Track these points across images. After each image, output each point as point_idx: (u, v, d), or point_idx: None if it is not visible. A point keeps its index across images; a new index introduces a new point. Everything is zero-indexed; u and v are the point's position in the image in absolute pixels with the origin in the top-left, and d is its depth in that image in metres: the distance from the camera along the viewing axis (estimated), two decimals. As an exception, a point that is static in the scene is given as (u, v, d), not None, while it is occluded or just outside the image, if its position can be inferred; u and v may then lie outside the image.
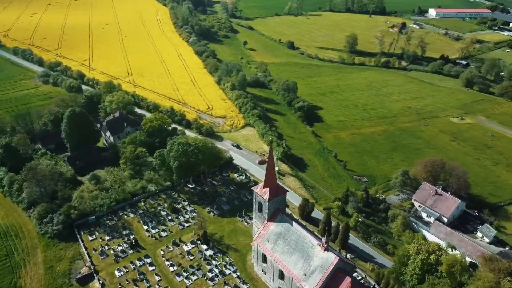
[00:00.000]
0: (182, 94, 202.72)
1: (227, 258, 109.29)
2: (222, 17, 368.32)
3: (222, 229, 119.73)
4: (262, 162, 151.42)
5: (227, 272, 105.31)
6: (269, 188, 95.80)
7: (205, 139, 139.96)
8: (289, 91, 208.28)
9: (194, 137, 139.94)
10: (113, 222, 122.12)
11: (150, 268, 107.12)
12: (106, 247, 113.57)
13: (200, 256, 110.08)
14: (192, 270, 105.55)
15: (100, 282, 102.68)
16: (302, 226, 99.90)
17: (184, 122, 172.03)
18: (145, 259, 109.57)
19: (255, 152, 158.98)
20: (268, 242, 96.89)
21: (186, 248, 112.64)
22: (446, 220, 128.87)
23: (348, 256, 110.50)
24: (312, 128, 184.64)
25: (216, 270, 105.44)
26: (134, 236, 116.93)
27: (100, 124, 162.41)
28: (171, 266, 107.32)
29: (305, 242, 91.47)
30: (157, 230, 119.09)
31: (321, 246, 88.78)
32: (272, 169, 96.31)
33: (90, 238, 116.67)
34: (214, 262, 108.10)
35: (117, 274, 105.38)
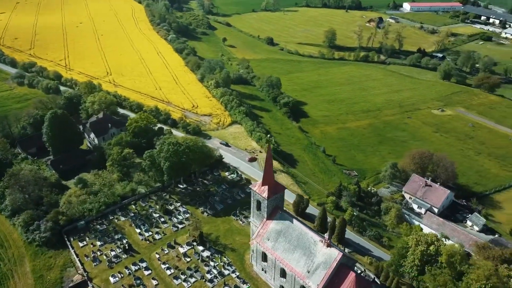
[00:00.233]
0: (165, 92, 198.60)
1: (225, 259, 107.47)
2: (198, 14, 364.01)
3: (217, 229, 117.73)
4: (252, 160, 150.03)
5: (226, 272, 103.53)
6: (267, 185, 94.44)
7: (195, 138, 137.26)
8: (273, 87, 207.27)
9: (184, 136, 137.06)
10: (103, 227, 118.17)
11: (146, 272, 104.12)
12: (98, 253, 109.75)
13: (197, 257, 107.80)
14: (190, 273, 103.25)
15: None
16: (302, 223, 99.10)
17: (169, 121, 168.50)
18: (140, 264, 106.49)
19: (244, 149, 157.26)
20: (268, 240, 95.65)
21: (182, 250, 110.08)
22: (436, 210, 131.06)
23: (346, 250, 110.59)
24: (298, 123, 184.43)
25: (214, 271, 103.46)
26: (127, 240, 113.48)
27: (83, 125, 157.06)
28: (168, 269, 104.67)
29: (306, 239, 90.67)
30: (150, 233, 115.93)
31: (323, 242, 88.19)
32: (270, 167, 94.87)
33: (80, 244, 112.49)
34: (212, 263, 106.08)
35: (112, 280, 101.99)
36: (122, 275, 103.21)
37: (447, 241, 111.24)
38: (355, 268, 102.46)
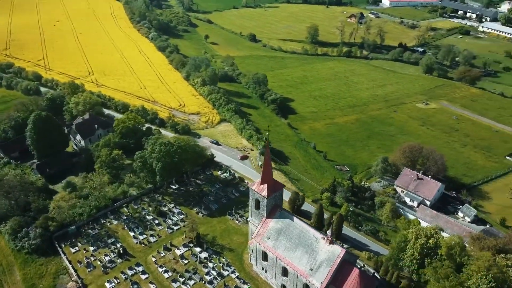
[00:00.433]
0: (150, 92, 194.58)
1: (223, 259, 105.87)
2: (178, 11, 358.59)
3: (213, 229, 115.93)
4: (244, 158, 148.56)
5: (225, 273, 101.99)
6: (266, 184, 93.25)
7: (187, 138, 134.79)
8: (259, 84, 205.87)
9: (176, 136, 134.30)
10: (95, 231, 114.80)
11: (143, 276, 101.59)
12: (92, 258, 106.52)
13: (194, 259, 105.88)
14: (188, 275, 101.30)
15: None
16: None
17: (157, 121, 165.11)
18: (136, 268, 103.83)
19: (235, 147, 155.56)
20: (268, 239, 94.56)
21: (178, 252, 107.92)
22: (428, 203, 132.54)
23: (344, 246, 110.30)
24: (287, 120, 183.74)
25: (213, 273, 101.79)
26: (121, 244, 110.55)
27: (68, 127, 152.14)
28: (165, 272, 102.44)
29: (308, 236, 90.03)
30: (145, 236, 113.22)
31: (326, 239, 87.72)
32: (269, 165, 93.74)
33: (72, 250, 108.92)
34: (210, 264, 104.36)
35: (108, 286, 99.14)
36: (118, 281, 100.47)
37: (442, 233, 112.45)
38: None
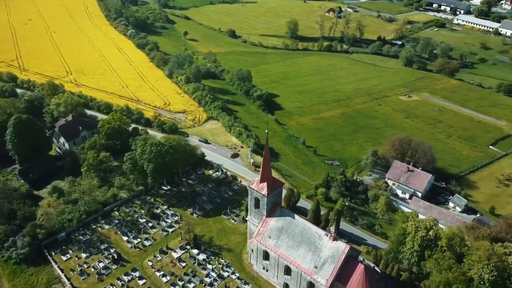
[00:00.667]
0: (133, 91, 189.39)
1: (222, 260, 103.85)
2: (155, 7, 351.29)
3: (209, 230, 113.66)
4: (234, 156, 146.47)
5: (225, 274, 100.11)
6: (266, 182, 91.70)
7: (178, 137, 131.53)
8: (244, 81, 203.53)
9: (166, 136, 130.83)
10: (87, 237, 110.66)
11: (141, 282, 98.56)
12: (85, 266, 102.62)
13: (192, 261, 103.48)
14: (187, 278, 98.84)
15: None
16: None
17: (142, 120, 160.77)
18: (132, 273, 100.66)
19: (225, 145, 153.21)
20: (270, 238, 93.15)
21: (175, 255, 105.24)
22: (420, 195, 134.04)
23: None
24: (274, 116, 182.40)
25: (213, 274, 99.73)
26: (114, 249, 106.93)
27: (50, 130, 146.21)
28: (163, 276, 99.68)
29: (311, 234, 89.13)
30: (139, 240, 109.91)
31: (329, 236, 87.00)
32: (268, 163, 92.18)
33: (64, 258, 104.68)
34: (209, 266, 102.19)
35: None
36: (115, 287, 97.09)
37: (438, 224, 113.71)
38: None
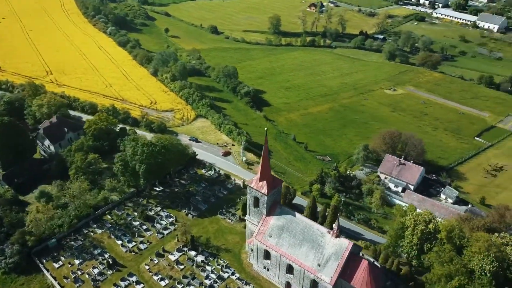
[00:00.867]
0: (117, 90, 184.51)
1: (221, 261, 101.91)
2: (134, 4, 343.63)
3: (206, 230, 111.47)
4: (226, 154, 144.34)
5: (225, 275, 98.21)
6: (265, 181, 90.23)
7: (170, 137, 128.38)
8: (230, 77, 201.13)
9: (158, 135, 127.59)
10: (79, 243, 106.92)
11: (138, 287, 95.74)
12: (79, 272, 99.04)
13: (191, 263, 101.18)
14: (187, 281, 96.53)
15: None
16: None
17: (129, 120, 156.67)
18: (129, 278, 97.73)
19: (216, 144, 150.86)
20: (271, 237, 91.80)
21: (172, 257, 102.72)
22: (412, 187, 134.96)
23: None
24: (262, 113, 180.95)
25: (213, 276, 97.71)
26: (109, 254, 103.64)
27: (33, 132, 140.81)
28: (162, 280, 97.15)
29: (312, 231, 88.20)
30: (134, 243, 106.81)
31: (332, 233, 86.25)
32: (267, 161, 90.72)
33: (56, 265, 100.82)
34: (208, 267, 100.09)
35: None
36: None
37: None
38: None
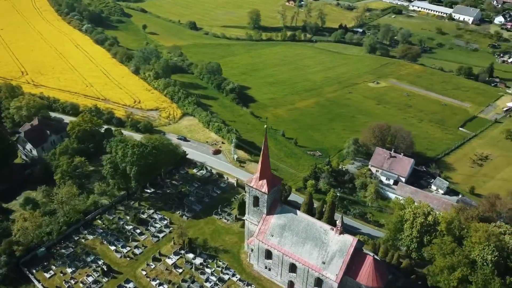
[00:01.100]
0: (98, 89, 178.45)
1: (220, 262, 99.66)
2: (108, 0, 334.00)
3: (202, 231, 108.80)
4: (216, 152, 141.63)
5: (226, 277, 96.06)
6: (265, 179, 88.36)
7: (160, 137, 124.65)
8: (214, 74, 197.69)
9: (147, 136, 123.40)
10: (70, 250, 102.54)
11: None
12: (73, 282, 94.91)
13: (189, 267, 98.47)
14: (186, 285, 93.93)
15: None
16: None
17: (114, 120, 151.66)
18: (126, 285, 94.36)
19: (205, 142, 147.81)
20: (272, 236, 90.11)
21: (170, 261, 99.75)
22: (404, 180, 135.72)
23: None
24: (249, 109, 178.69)
25: (213, 278, 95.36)
26: (103, 261, 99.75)
27: (12, 135, 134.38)
28: (160, 285, 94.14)
29: (315, 229, 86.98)
30: (128, 248, 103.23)
31: (335, 230, 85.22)
32: (267, 159, 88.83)
33: (47, 275, 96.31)
34: (207, 270, 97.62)
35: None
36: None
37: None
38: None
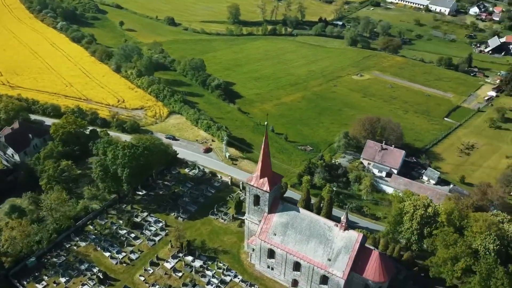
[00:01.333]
0: (79, 89, 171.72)
1: (221, 264, 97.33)
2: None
3: (199, 233, 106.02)
4: (207, 150, 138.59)
5: (228, 279, 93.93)
6: (266, 177, 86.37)
7: (151, 137, 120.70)
8: (198, 70, 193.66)
9: (138, 136, 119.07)
10: (62, 259, 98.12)
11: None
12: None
13: (189, 270, 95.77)
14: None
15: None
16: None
17: (98, 121, 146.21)
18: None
19: (195, 140, 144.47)
20: (275, 235, 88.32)
21: (168, 265, 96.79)
22: (396, 171, 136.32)
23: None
24: (236, 105, 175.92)
25: (215, 281, 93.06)
26: (98, 268, 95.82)
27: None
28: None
29: (319, 226, 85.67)
30: (124, 254, 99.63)
31: (340, 226, 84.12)
32: (267, 157, 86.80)
33: (39, 287, 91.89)
34: (208, 272, 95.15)
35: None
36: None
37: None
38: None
